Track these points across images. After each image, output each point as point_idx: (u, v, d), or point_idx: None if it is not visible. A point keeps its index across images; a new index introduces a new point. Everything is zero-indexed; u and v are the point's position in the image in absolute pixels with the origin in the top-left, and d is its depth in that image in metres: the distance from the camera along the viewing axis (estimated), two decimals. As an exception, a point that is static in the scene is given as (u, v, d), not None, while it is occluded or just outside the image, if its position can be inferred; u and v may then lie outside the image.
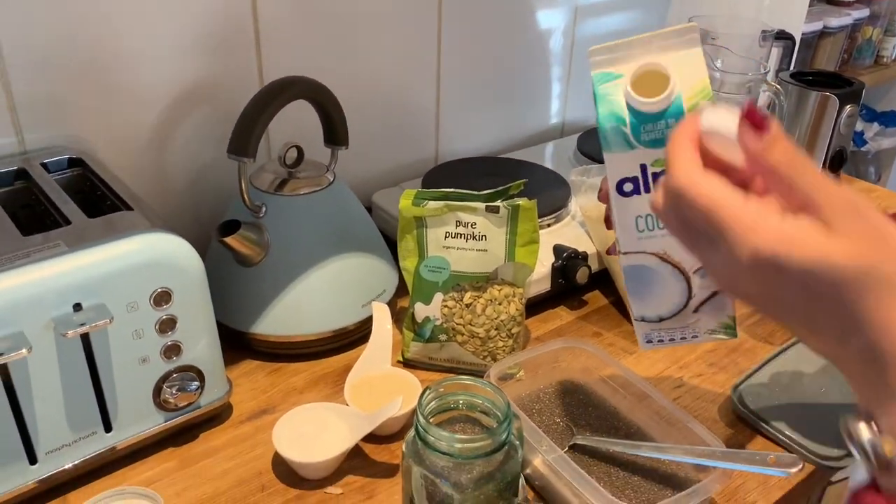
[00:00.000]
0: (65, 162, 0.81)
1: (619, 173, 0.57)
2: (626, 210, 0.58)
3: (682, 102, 0.54)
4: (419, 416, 0.61)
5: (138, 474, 0.72)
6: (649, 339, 0.66)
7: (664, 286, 0.61)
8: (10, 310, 0.61)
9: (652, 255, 0.60)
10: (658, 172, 0.56)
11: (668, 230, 0.50)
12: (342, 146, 0.90)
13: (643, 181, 0.56)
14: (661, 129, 0.54)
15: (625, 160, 0.56)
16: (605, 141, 0.56)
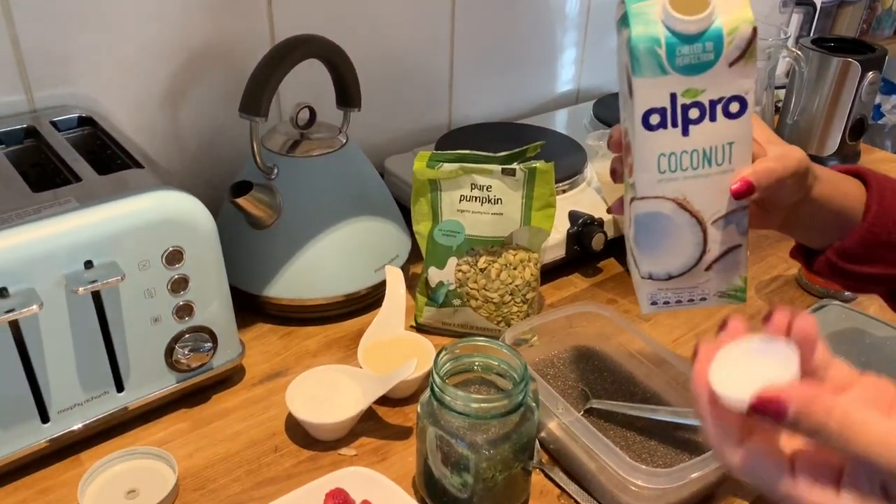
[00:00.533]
0: (74, 121, 0.80)
1: (648, 102, 0.53)
2: (650, 146, 0.55)
3: (721, 25, 0.51)
4: (435, 376, 0.60)
5: (150, 435, 0.72)
6: (654, 300, 0.61)
7: (678, 237, 0.58)
8: (22, 266, 0.60)
9: (670, 201, 0.57)
10: (688, 104, 0.53)
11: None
12: (355, 108, 0.89)
13: (671, 113, 0.53)
14: (696, 52, 0.51)
15: (655, 87, 0.53)
16: (637, 63, 0.52)
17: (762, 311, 0.90)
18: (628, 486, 0.61)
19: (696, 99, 0.53)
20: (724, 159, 0.54)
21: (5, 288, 0.59)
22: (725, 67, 0.52)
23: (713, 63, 0.51)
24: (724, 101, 0.53)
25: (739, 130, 0.53)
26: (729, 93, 0.53)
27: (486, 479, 0.60)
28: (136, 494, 0.65)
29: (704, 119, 0.53)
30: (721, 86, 0.52)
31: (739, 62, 0.52)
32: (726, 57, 0.51)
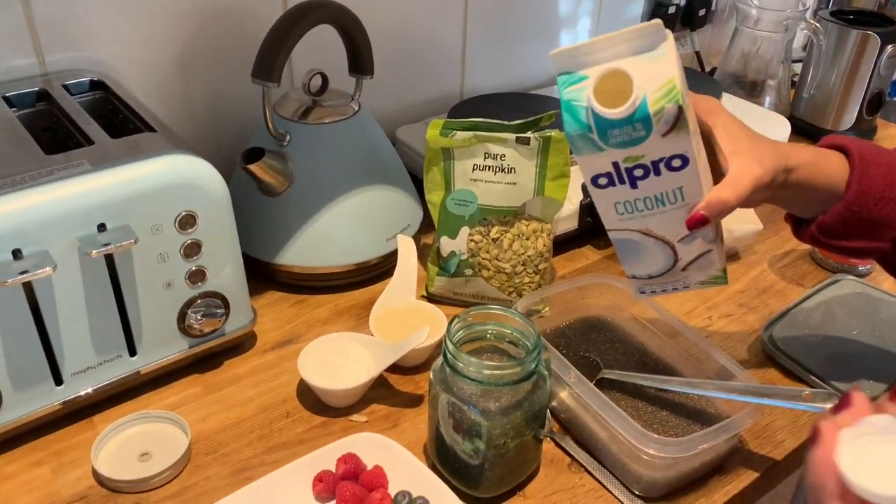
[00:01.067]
0: (86, 84, 0.79)
1: (593, 170, 0.57)
2: (604, 198, 0.58)
3: (647, 106, 0.52)
4: (448, 343, 0.60)
5: (162, 399, 0.73)
6: (642, 290, 0.67)
7: (651, 254, 0.62)
8: (36, 228, 0.60)
9: (635, 232, 0.61)
10: (630, 167, 0.55)
11: None
12: (367, 75, 0.88)
13: (617, 175, 0.56)
14: (627, 132, 0.53)
15: (596, 160, 0.56)
16: (574, 146, 0.55)
17: (776, 284, 0.90)
18: (640, 455, 0.61)
19: (638, 163, 0.54)
20: (676, 199, 0.57)
21: (19, 249, 0.59)
22: (658, 138, 0.53)
23: (646, 137, 0.53)
24: (665, 159, 0.54)
25: (686, 177, 0.55)
26: (668, 154, 0.54)
27: (497, 446, 0.60)
28: (149, 457, 0.66)
29: (649, 175, 0.55)
30: (659, 150, 0.53)
31: (671, 133, 0.52)
32: (657, 131, 0.52)
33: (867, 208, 0.63)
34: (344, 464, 0.63)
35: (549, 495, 0.64)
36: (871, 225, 0.64)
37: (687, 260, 0.62)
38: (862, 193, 0.63)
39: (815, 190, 0.63)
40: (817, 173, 0.63)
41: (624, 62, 0.51)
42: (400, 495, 0.61)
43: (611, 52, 0.52)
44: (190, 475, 0.65)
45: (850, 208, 0.63)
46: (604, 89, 0.52)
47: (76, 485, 0.64)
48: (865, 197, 0.63)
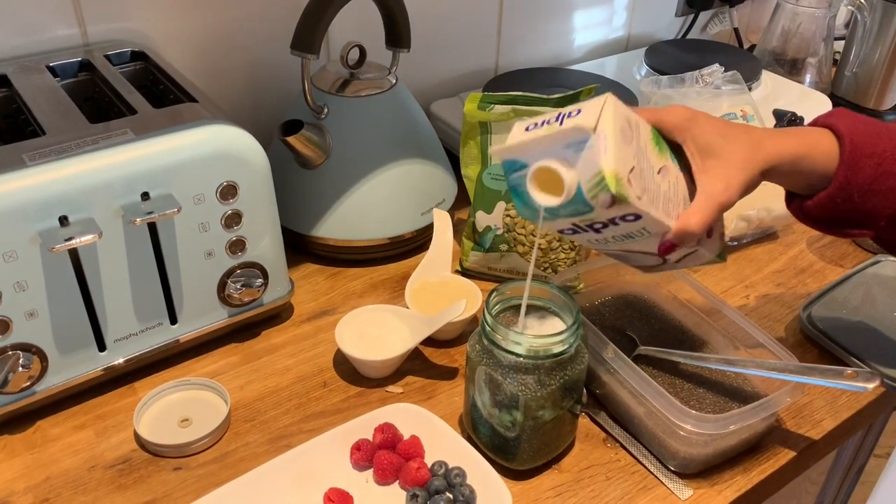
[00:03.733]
0: (127, 55, 0.80)
1: (555, 229, 0.59)
2: (578, 239, 0.61)
3: (583, 194, 0.53)
4: (486, 315, 0.60)
5: (202, 367, 0.74)
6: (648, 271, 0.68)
7: (640, 261, 0.64)
8: (82, 195, 0.61)
9: (616, 253, 0.64)
10: (588, 224, 0.57)
11: None
12: (404, 49, 0.87)
13: (580, 228, 0.58)
14: (574, 209, 0.55)
15: (554, 224, 0.58)
16: (532, 220, 0.58)
17: (814, 265, 0.89)
18: (677, 431, 0.61)
19: (594, 221, 0.56)
20: (642, 235, 0.58)
21: (66, 216, 0.60)
22: (604, 209, 0.54)
23: (591, 211, 0.54)
24: (619, 217, 0.56)
25: (645, 223, 0.56)
26: (620, 214, 0.55)
27: (534, 419, 0.60)
28: (190, 423, 0.67)
29: (609, 226, 0.57)
30: (608, 214, 0.55)
31: (614, 206, 0.54)
32: (601, 206, 0.54)
33: (851, 200, 0.60)
34: (381, 433, 0.63)
35: (584, 469, 0.65)
36: (856, 214, 0.61)
37: (675, 260, 0.64)
38: (847, 185, 0.60)
39: (802, 178, 0.62)
40: (803, 165, 0.60)
41: (554, 161, 0.53)
42: (437, 465, 0.62)
43: (545, 149, 0.54)
44: (229, 441, 0.66)
45: (833, 199, 0.61)
46: (543, 177, 0.54)
47: (119, 448, 0.65)
48: (850, 189, 0.60)
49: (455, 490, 0.60)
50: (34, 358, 0.63)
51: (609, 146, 0.52)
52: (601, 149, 0.52)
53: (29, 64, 0.76)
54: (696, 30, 1.39)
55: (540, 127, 0.54)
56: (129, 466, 0.64)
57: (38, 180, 0.59)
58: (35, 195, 0.59)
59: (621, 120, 0.54)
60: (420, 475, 0.61)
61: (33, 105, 0.68)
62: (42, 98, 0.69)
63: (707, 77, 0.94)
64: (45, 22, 0.78)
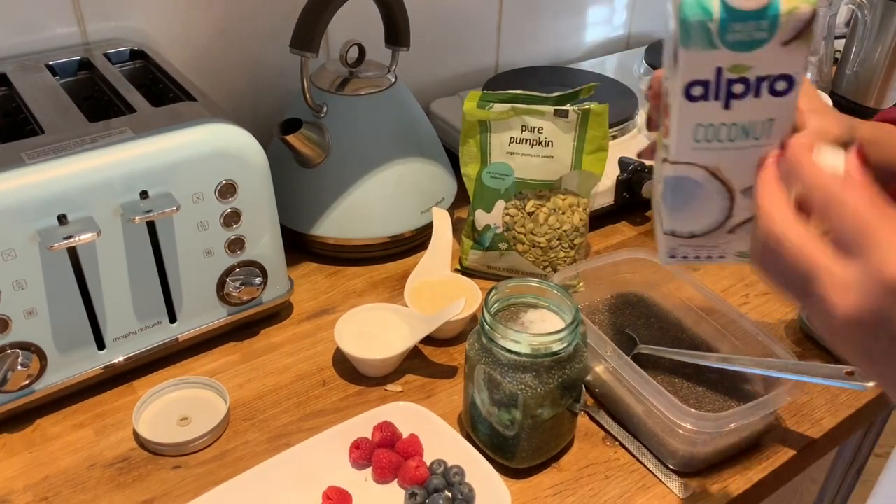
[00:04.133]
0: (126, 54, 0.80)
1: (692, 74, 0.51)
2: (688, 116, 0.53)
3: (779, 4, 0.48)
4: (485, 314, 0.60)
5: (201, 366, 0.74)
6: (673, 254, 0.61)
7: (706, 202, 0.57)
8: (81, 194, 0.61)
9: (702, 169, 0.56)
10: (733, 79, 0.51)
11: (762, 275, 0.48)
12: (403, 47, 0.87)
13: (715, 86, 0.51)
14: (749, 30, 0.48)
15: (702, 60, 0.50)
16: (685, 35, 0.49)
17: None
18: (676, 430, 0.61)
19: (743, 75, 0.50)
20: (761, 135, 0.53)
21: (65, 215, 0.60)
22: (778, 46, 0.49)
23: (766, 41, 0.49)
24: (772, 79, 0.50)
25: (782, 109, 0.52)
26: (777, 71, 0.50)
27: (533, 417, 0.60)
28: (189, 422, 0.67)
29: (748, 95, 0.51)
30: (770, 64, 0.50)
31: (793, 42, 0.48)
32: (780, 37, 0.48)
33: None
34: (380, 432, 0.63)
35: (584, 468, 0.65)
36: None
37: (739, 219, 0.58)
38: None
39: (875, 166, 0.62)
40: (879, 150, 0.60)
41: None
42: (435, 464, 0.62)
43: None
44: (228, 440, 0.66)
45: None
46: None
47: (118, 447, 0.65)
48: None
49: (454, 489, 0.60)
50: (33, 356, 0.64)
51: None
52: None
53: (28, 63, 0.76)
54: (697, 28, 1.38)
55: None
56: (129, 465, 0.64)
57: (36, 179, 0.59)
58: (34, 194, 0.59)
59: None
60: (419, 474, 0.61)
61: (32, 104, 0.68)
62: (41, 97, 0.69)
63: (707, 75, 0.94)
64: (44, 21, 0.78)
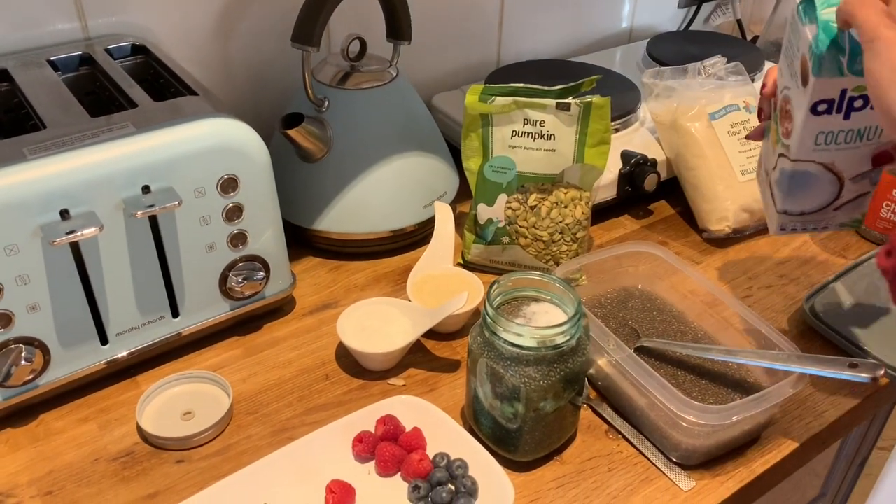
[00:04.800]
0: (128, 49, 0.80)
1: (820, 95, 0.59)
2: (812, 126, 0.61)
3: None
4: (488, 307, 0.60)
5: (204, 360, 0.74)
6: (783, 227, 0.69)
7: (818, 189, 0.65)
8: (83, 188, 0.61)
9: (819, 164, 0.64)
10: (855, 96, 0.58)
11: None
12: (405, 41, 0.87)
13: (838, 103, 0.59)
14: None
15: (831, 85, 0.58)
16: (819, 65, 0.57)
17: (818, 256, 0.89)
18: (679, 423, 0.61)
19: (864, 93, 0.58)
20: (874, 136, 0.61)
21: (67, 210, 0.60)
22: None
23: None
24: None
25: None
26: None
27: (536, 410, 0.60)
28: (192, 416, 0.67)
29: (866, 108, 0.59)
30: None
31: None
32: None
33: None
34: (383, 425, 0.63)
35: (587, 461, 0.65)
36: None
37: (845, 199, 0.66)
38: None
39: None
40: None
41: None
42: (438, 457, 0.62)
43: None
44: (232, 434, 0.66)
45: None
46: None
47: (122, 441, 0.66)
48: None
49: (457, 481, 0.60)
50: (37, 351, 0.64)
51: None
52: None
53: (30, 58, 0.76)
54: (699, 21, 1.38)
55: None
56: (132, 459, 0.64)
57: (39, 174, 0.59)
58: (36, 189, 0.59)
59: None
60: (422, 467, 0.61)
61: (34, 99, 0.68)
62: (43, 92, 0.69)
63: (710, 68, 0.94)
64: (45, 16, 0.78)
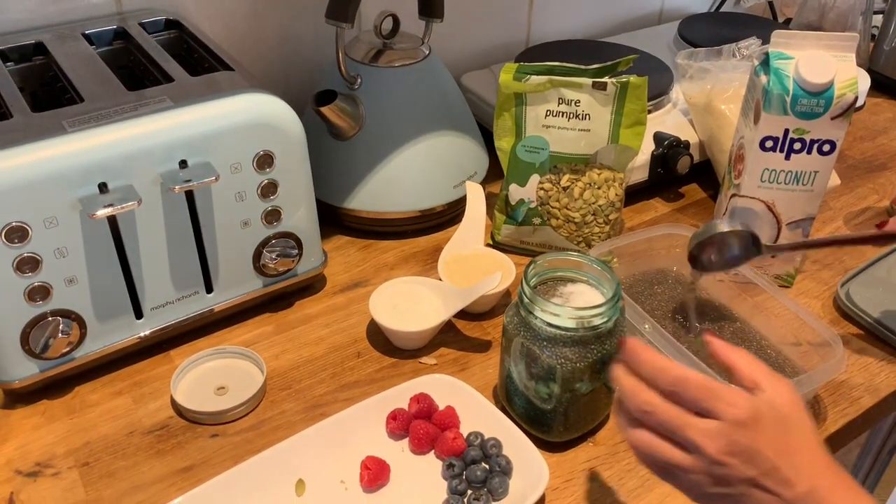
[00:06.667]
0: (161, 23, 0.80)
1: (767, 131, 0.71)
2: (759, 161, 0.73)
3: (834, 90, 0.69)
4: (524, 287, 0.60)
5: (236, 336, 0.74)
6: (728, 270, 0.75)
7: (759, 230, 0.71)
8: (121, 162, 0.61)
9: (762, 203, 0.75)
10: (794, 139, 0.71)
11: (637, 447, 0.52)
12: (437, 18, 0.86)
13: (782, 142, 0.72)
14: (811, 105, 0.69)
15: (777, 122, 0.71)
16: (769, 103, 0.70)
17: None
18: (715, 406, 0.60)
19: (802, 136, 0.71)
20: (808, 182, 0.73)
21: (105, 183, 0.60)
22: (828, 119, 0.70)
23: (821, 115, 0.69)
24: (821, 142, 0.71)
25: (825, 164, 0.72)
26: (825, 137, 0.71)
27: (571, 391, 0.60)
28: (226, 391, 0.67)
29: (803, 152, 0.72)
30: (821, 131, 0.70)
31: (839, 118, 0.70)
32: (831, 112, 0.69)
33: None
34: (417, 403, 0.63)
35: (620, 443, 0.64)
36: None
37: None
38: None
39: None
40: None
41: (827, 54, 0.70)
42: (472, 435, 0.62)
43: (815, 44, 0.70)
44: (265, 409, 0.67)
45: None
46: (806, 70, 0.69)
47: (156, 414, 0.66)
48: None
49: (491, 460, 0.61)
50: (73, 324, 0.64)
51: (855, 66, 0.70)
52: (853, 61, 0.70)
53: (65, 32, 0.76)
54: (730, 3, 1.36)
55: None
56: (167, 433, 0.65)
57: (78, 147, 0.59)
58: (76, 162, 0.59)
59: None
60: (456, 445, 0.61)
61: (71, 73, 0.68)
62: (79, 66, 0.69)
63: (744, 50, 0.93)
64: (79, -11, 0.78)
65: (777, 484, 0.46)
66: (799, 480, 0.46)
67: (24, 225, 0.58)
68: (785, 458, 0.46)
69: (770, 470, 0.46)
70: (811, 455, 0.47)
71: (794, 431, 0.47)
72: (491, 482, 0.59)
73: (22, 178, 0.57)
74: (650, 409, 0.48)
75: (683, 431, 0.47)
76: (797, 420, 0.48)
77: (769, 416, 0.47)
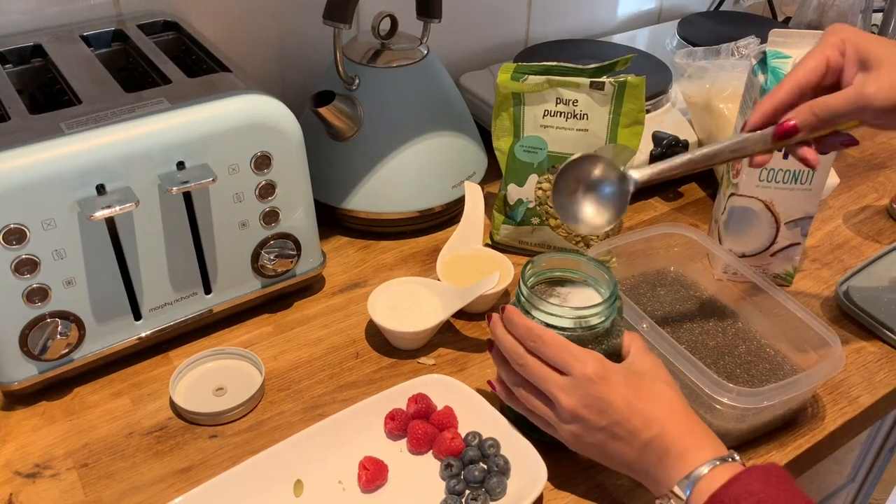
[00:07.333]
0: (159, 25, 0.80)
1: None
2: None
3: None
4: (522, 287, 0.60)
5: (235, 337, 0.74)
6: (726, 269, 0.77)
7: (758, 229, 0.74)
8: (119, 164, 0.61)
9: (761, 202, 0.75)
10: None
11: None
12: (435, 19, 0.87)
13: None
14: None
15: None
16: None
17: (851, 240, 0.87)
18: (713, 405, 0.60)
19: None
20: (806, 181, 0.73)
21: (103, 185, 0.61)
22: None
23: None
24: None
25: (823, 163, 0.69)
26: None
27: (569, 391, 0.60)
28: (224, 392, 0.67)
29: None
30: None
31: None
32: None
33: None
34: (415, 403, 0.64)
35: (618, 442, 0.64)
36: None
37: (781, 245, 0.77)
38: None
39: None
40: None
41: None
42: (470, 436, 0.62)
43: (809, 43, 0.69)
44: (264, 410, 0.67)
45: None
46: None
47: (155, 415, 0.66)
48: None
49: (489, 460, 0.61)
50: (72, 325, 0.64)
51: None
52: None
53: (63, 33, 0.76)
54: (729, 1, 1.36)
55: None
56: (166, 434, 0.65)
57: (76, 148, 0.59)
58: (73, 163, 0.59)
59: None
60: (454, 445, 0.61)
61: (69, 74, 0.68)
62: (77, 67, 0.70)
63: (743, 49, 0.93)
64: (77, -9, 0.78)
65: (627, 432, 0.53)
66: (647, 427, 0.52)
67: (23, 227, 0.58)
68: (635, 408, 0.53)
69: (620, 420, 0.53)
70: (665, 405, 0.54)
71: (646, 385, 0.55)
72: (489, 482, 0.59)
73: (20, 180, 0.57)
74: (523, 362, 0.56)
75: (545, 384, 0.55)
76: (651, 376, 0.56)
77: (619, 372, 0.55)
